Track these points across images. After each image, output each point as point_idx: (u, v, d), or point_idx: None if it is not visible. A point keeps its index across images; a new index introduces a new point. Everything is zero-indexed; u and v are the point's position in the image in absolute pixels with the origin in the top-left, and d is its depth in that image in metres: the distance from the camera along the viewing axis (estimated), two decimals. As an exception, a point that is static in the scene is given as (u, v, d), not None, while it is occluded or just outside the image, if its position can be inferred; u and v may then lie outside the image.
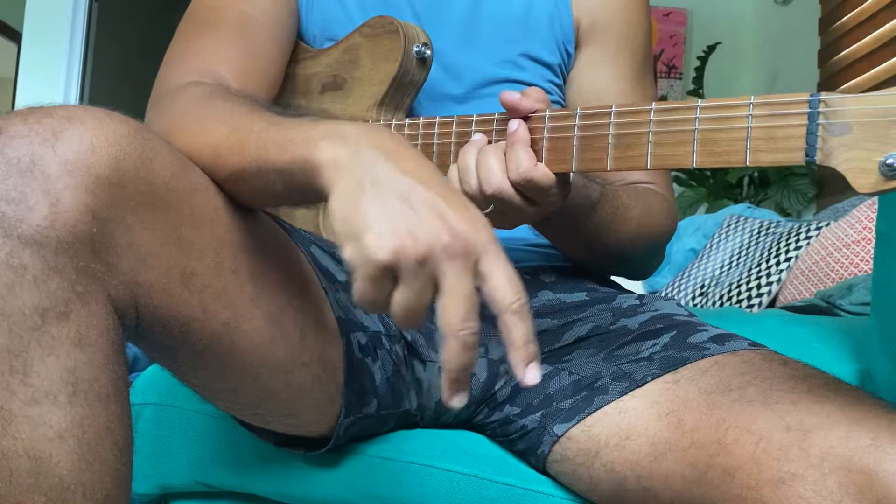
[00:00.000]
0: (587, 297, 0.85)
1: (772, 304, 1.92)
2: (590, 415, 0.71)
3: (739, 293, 1.99)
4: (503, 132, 0.69)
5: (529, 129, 0.68)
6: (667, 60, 3.48)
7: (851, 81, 2.68)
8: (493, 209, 0.68)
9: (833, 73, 2.81)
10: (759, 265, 2.01)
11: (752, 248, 2.13)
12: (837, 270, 1.73)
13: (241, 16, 0.84)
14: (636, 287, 2.60)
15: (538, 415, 0.75)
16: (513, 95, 0.68)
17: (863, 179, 0.51)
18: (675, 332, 0.75)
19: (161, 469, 0.88)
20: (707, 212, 3.06)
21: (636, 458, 0.66)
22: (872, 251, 1.30)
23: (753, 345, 0.72)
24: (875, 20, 2.58)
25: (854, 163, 0.51)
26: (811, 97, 0.53)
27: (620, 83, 0.93)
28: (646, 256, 0.90)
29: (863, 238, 1.72)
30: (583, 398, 0.72)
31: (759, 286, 1.95)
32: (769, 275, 1.95)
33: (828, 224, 1.93)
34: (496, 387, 0.82)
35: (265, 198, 0.62)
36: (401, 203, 0.51)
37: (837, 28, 2.81)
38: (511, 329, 0.52)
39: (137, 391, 0.91)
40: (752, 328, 0.94)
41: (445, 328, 0.51)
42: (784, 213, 2.87)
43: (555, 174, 0.67)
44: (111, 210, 0.52)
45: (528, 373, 0.52)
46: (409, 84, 0.86)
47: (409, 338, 0.81)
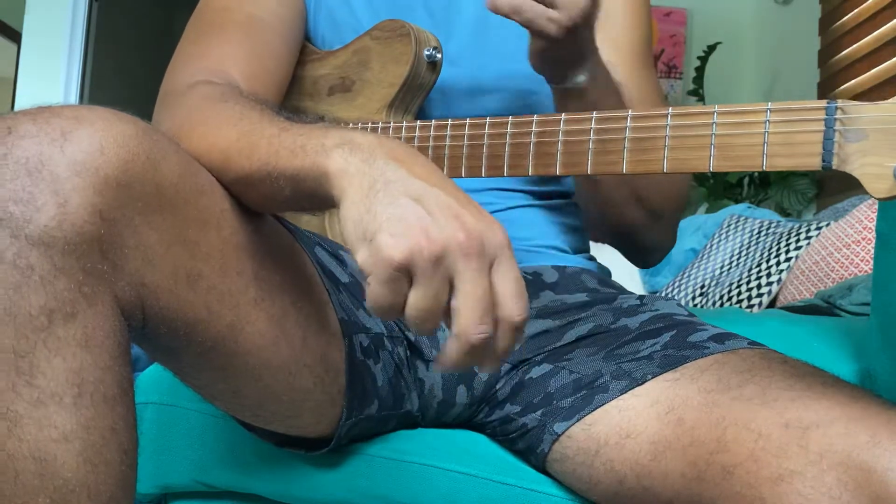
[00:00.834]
0: (588, 298, 0.86)
1: (772, 304, 1.92)
2: (590, 413, 0.71)
3: (739, 293, 1.99)
4: (517, 135, 0.69)
5: (544, 133, 0.68)
6: (667, 60, 3.48)
7: (851, 81, 2.68)
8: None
9: (833, 73, 2.81)
10: (759, 265, 2.01)
11: (753, 249, 2.14)
12: (837, 270, 1.73)
13: (250, 17, 0.85)
14: (637, 287, 2.61)
15: (538, 413, 0.75)
16: None
17: (878, 185, 0.53)
18: (675, 332, 0.75)
19: (161, 469, 0.88)
20: (707, 212, 3.06)
21: (636, 457, 0.66)
22: (872, 251, 1.30)
23: (753, 344, 0.72)
24: (875, 20, 2.58)
25: (869, 168, 0.53)
26: (828, 104, 0.55)
27: (623, 61, 0.91)
28: (666, 210, 0.90)
29: (863, 238, 1.72)
30: (583, 397, 0.72)
31: (759, 286, 1.95)
32: (769, 275, 1.95)
33: (828, 224, 1.94)
34: (497, 385, 0.82)
35: (273, 202, 0.63)
36: (414, 204, 0.51)
37: (837, 28, 2.81)
38: (500, 340, 0.52)
39: (139, 390, 0.91)
40: (752, 328, 0.94)
41: (459, 330, 0.50)
42: (784, 214, 2.88)
43: None
44: (119, 211, 0.52)
45: (490, 368, 0.54)
46: (419, 87, 0.86)
47: (413, 339, 0.81)
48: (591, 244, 1.00)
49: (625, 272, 2.62)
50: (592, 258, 0.96)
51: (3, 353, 0.49)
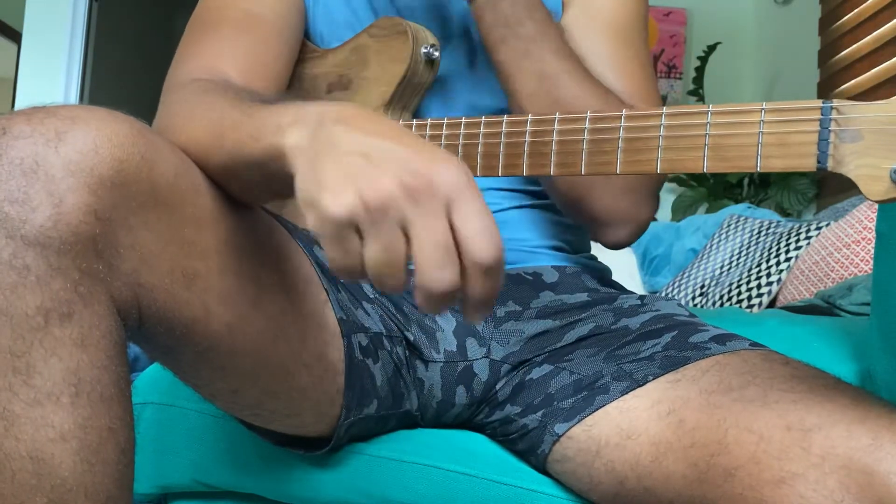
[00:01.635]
0: (589, 298, 0.86)
1: (772, 304, 1.92)
2: (590, 414, 0.71)
3: (739, 293, 1.99)
4: (511, 134, 0.69)
5: (538, 133, 0.68)
6: (667, 60, 3.48)
7: (851, 81, 2.68)
8: None
9: (833, 73, 2.81)
10: (759, 265, 2.01)
11: (752, 249, 2.13)
12: (837, 270, 1.73)
13: (247, 14, 0.84)
14: (637, 287, 2.61)
15: (539, 414, 0.75)
16: None
17: (874, 187, 0.51)
18: (676, 332, 0.75)
19: (161, 469, 0.88)
20: (707, 212, 3.06)
21: (637, 458, 0.66)
22: (872, 251, 1.30)
23: (754, 345, 0.72)
24: (875, 20, 2.58)
25: (865, 170, 0.52)
26: (823, 104, 0.54)
27: (606, 32, 0.88)
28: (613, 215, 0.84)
29: (863, 238, 1.72)
30: (584, 398, 0.72)
31: (759, 286, 1.95)
32: (769, 275, 1.95)
33: (828, 224, 1.93)
34: (497, 386, 0.82)
35: (252, 191, 0.62)
36: (359, 159, 0.49)
37: (837, 28, 2.81)
38: (473, 285, 0.49)
39: (138, 391, 0.91)
40: (752, 328, 0.94)
41: (419, 280, 0.48)
42: (784, 214, 2.88)
43: None
44: (114, 211, 0.52)
45: (473, 322, 0.50)
46: (417, 85, 0.86)
47: (412, 338, 0.81)
48: (592, 245, 1.00)
49: (625, 272, 2.62)
50: (593, 257, 0.96)
51: (0, 354, 0.49)
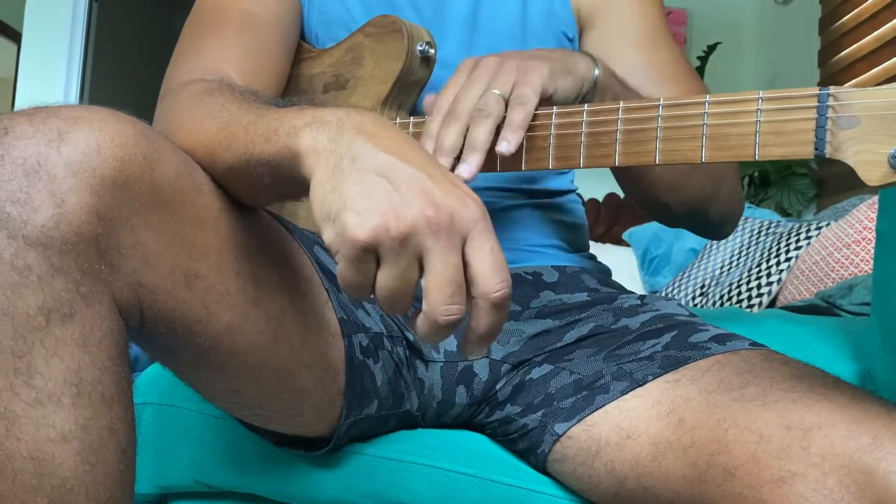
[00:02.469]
0: (588, 298, 0.86)
1: (772, 304, 1.92)
2: (590, 414, 0.71)
3: (739, 293, 1.99)
4: None
5: (536, 126, 0.68)
6: (667, 60, 3.47)
7: (851, 81, 2.68)
8: None
9: (833, 73, 2.81)
10: (759, 265, 2.01)
11: (752, 248, 2.13)
12: (837, 270, 1.73)
13: (245, 14, 0.84)
14: (637, 287, 2.61)
15: (539, 414, 0.75)
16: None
17: (872, 172, 0.51)
18: (676, 332, 0.75)
19: (161, 469, 0.88)
20: (707, 212, 3.05)
21: (637, 458, 0.66)
22: (872, 251, 1.30)
23: (754, 344, 0.72)
24: (875, 20, 2.58)
25: (863, 156, 0.52)
26: (820, 91, 0.54)
27: (635, 49, 0.91)
28: (725, 168, 0.88)
29: (863, 238, 1.72)
30: (584, 397, 0.72)
31: (759, 286, 1.95)
32: (769, 275, 1.95)
33: (828, 224, 1.93)
34: (497, 386, 0.82)
35: (258, 192, 0.62)
36: (381, 180, 0.49)
37: (837, 28, 2.81)
38: (480, 317, 0.50)
39: (138, 391, 0.91)
40: (752, 328, 0.94)
41: (427, 310, 0.49)
42: (784, 213, 2.87)
43: None
44: (116, 211, 0.52)
45: (471, 355, 0.52)
46: (413, 83, 0.86)
47: (412, 339, 0.81)
48: (591, 244, 1.00)
49: (625, 272, 2.62)
50: (592, 257, 0.96)
51: (1, 354, 0.49)
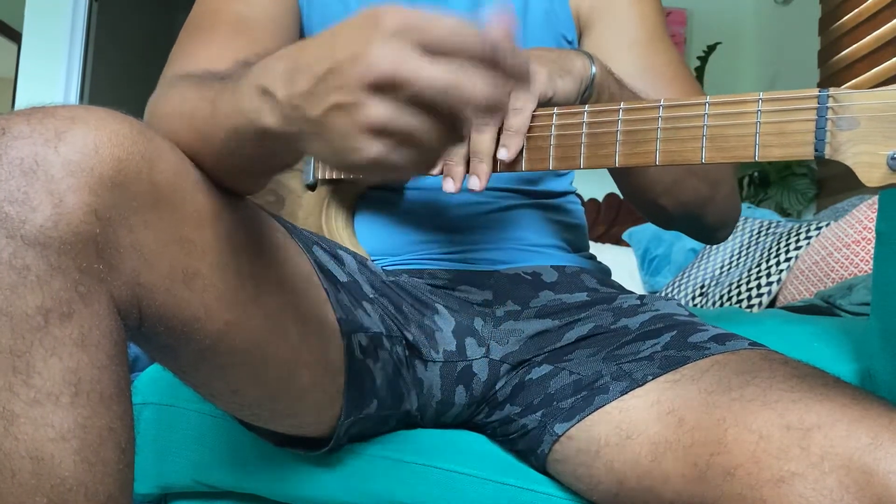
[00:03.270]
0: (588, 298, 0.86)
1: (772, 304, 1.92)
2: (590, 414, 0.71)
3: (739, 293, 1.99)
4: None
5: (537, 127, 0.68)
6: (667, 60, 3.48)
7: (851, 81, 2.68)
8: None
9: (833, 73, 2.81)
10: (759, 265, 2.01)
11: (752, 248, 2.13)
12: (837, 270, 1.73)
13: (240, 17, 0.84)
14: (637, 287, 2.61)
15: (538, 414, 0.75)
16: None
17: (871, 173, 0.52)
18: (676, 332, 0.75)
19: (161, 469, 0.88)
20: (707, 212, 3.05)
21: (636, 458, 0.66)
22: (872, 251, 1.30)
23: (754, 344, 0.72)
24: (875, 20, 2.58)
25: (862, 157, 0.52)
26: (820, 92, 0.54)
27: (633, 52, 0.91)
28: (723, 173, 0.87)
29: (863, 238, 1.72)
30: (583, 397, 0.72)
31: (759, 286, 1.95)
32: (769, 275, 1.95)
33: (828, 224, 1.93)
34: (496, 386, 0.82)
35: (248, 177, 0.61)
36: (335, 112, 0.46)
37: (837, 28, 2.81)
38: (503, 65, 0.47)
39: (138, 391, 0.91)
40: (752, 328, 0.94)
41: (473, 114, 0.46)
42: (784, 213, 2.87)
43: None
44: (114, 210, 0.52)
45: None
46: None
47: (412, 338, 0.81)
48: (591, 244, 1.00)
49: (625, 272, 2.62)
50: (592, 256, 0.96)
51: (0, 353, 0.49)
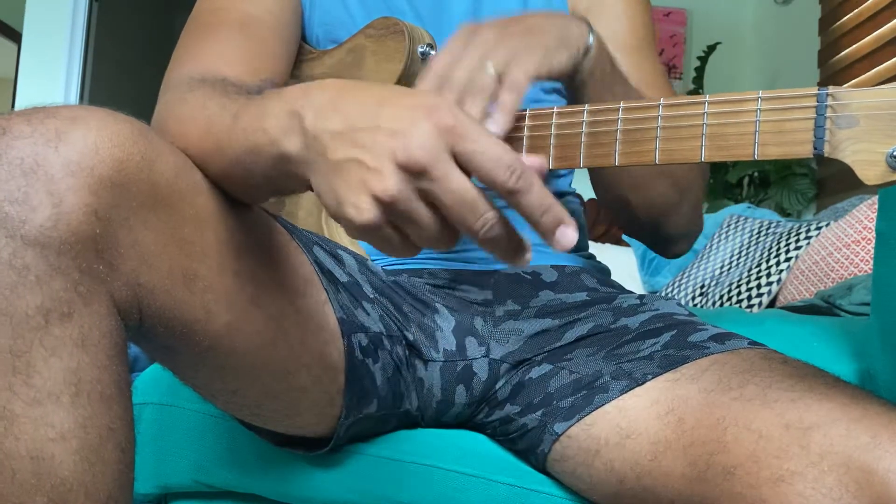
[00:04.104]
0: (588, 297, 0.86)
1: (772, 304, 1.92)
2: (590, 413, 0.71)
3: (739, 293, 1.99)
4: (510, 129, 0.69)
5: (537, 127, 0.68)
6: (667, 60, 3.48)
7: (851, 81, 2.68)
8: None
9: (833, 73, 2.81)
10: (759, 265, 2.01)
11: (752, 249, 2.13)
12: (837, 270, 1.73)
13: (245, 16, 0.84)
14: (637, 287, 2.61)
15: (538, 413, 0.75)
16: None
17: (870, 171, 0.52)
18: (676, 332, 0.75)
19: (161, 469, 0.88)
20: (707, 212, 3.05)
21: (636, 457, 0.66)
22: (872, 251, 1.30)
23: (753, 343, 0.72)
24: (875, 20, 2.58)
25: (861, 155, 0.52)
26: (819, 90, 0.54)
27: (621, 53, 0.88)
28: (693, 182, 0.87)
29: (863, 238, 1.72)
30: (583, 397, 0.72)
31: (759, 286, 1.95)
32: (769, 275, 1.95)
33: (828, 224, 1.93)
34: (496, 386, 0.82)
35: (253, 191, 0.62)
36: (353, 165, 0.50)
37: (837, 28, 2.81)
38: (521, 206, 0.51)
39: (138, 391, 0.91)
40: (752, 328, 0.94)
41: (470, 235, 0.50)
42: (784, 213, 2.87)
43: None
44: (114, 211, 0.52)
45: (561, 236, 0.51)
46: (414, 85, 0.86)
47: (412, 338, 0.81)
48: (591, 244, 1.00)
49: (625, 272, 2.62)
50: (592, 256, 0.96)
51: (0, 353, 0.49)
